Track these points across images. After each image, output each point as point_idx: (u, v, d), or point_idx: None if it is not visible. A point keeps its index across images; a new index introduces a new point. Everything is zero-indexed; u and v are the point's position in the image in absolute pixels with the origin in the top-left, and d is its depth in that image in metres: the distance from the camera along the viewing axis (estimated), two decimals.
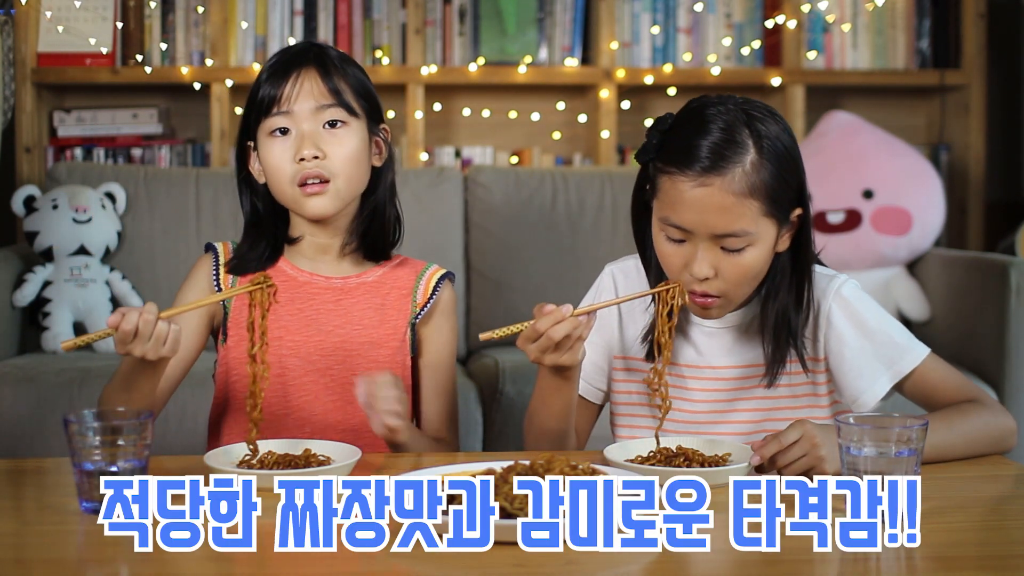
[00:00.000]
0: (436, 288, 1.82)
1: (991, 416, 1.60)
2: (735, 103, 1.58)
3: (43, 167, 3.46)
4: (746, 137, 1.54)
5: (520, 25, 3.65)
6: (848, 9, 3.74)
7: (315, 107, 1.73)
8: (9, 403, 2.59)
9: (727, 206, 1.53)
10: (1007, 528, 1.34)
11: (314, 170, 1.71)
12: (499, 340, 1.58)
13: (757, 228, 1.55)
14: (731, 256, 1.55)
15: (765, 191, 1.54)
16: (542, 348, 1.54)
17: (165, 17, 3.55)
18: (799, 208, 1.59)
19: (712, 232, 1.54)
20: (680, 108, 1.62)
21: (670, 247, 1.58)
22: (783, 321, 1.62)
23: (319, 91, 1.73)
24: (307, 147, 1.71)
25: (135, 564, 1.18)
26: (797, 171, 1.59)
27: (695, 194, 1.53)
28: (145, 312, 1.48)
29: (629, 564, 1.16)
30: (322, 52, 1.77)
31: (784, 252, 1.61)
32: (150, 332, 1.48)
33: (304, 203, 1.73)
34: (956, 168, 3.78)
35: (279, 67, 1.74)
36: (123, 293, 3.04)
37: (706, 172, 1.52)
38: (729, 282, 1.57)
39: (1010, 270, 2.80)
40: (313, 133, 1.72)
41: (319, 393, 1.76)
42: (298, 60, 1.75)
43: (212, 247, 1.83)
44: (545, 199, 3.20)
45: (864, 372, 1.63)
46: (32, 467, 1.62)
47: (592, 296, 1.77)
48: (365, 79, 1.80)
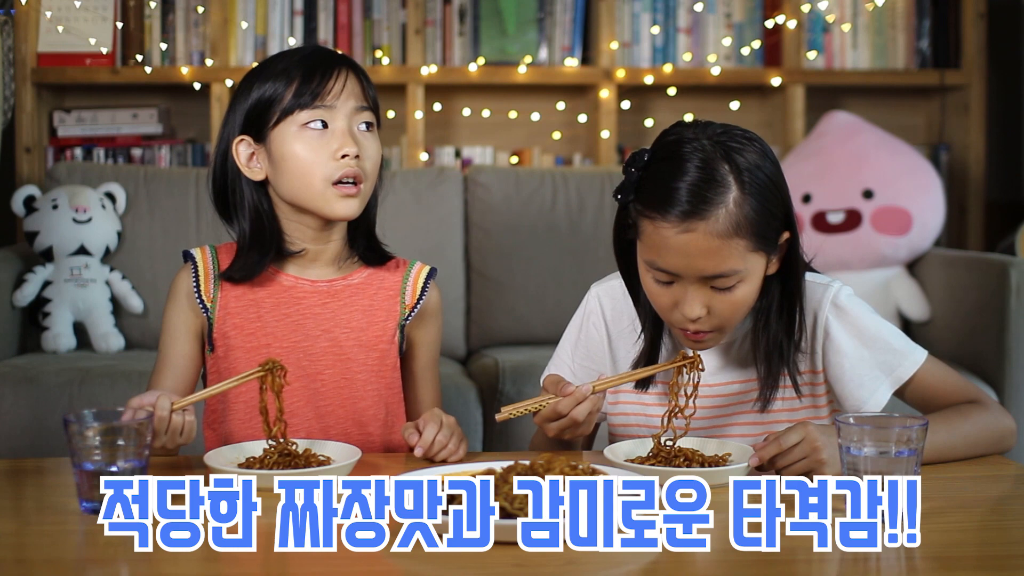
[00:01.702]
0: (424, 288, 1.82)
1: (991, 417, 1.59)
2: (711, 135, 1.51)
3: (43, 167, 3.46)
4: (726, 173, 1.48)
5: (520, 25, 3.65)
6: (848, 9, 3.74)
7: (356, 107, 1.71)
8: (9, 403, 2.59)
9: (713, 249, 1.48)
10: (1007, 528, 1.34)
11: (354, 169, 1.69)
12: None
13: (746, 265, 1.50)
14: (722, 294, 1.52)
15: (750, 227, 1.48)
16: (563, 427, 1.54)
17: (165, 17, 3.55)
18: (786, 232, 1.55)
19: (700, 275, 1.50)
20: (654, 141, 1.57)
21: (658, 288, 1.55)
22: (775, 347, 1.60)
23: (359, 93, 1.72)
24: (350, 144, 1.68)
25: (135, 564, 1.18)
26: (782, 197, 1.53)
27: (679, 240, 1.48)
28: (159, 409, 1.48)
29: (629, 564, 1.16)
30: (351, 60, 1.75)
31: (774, 274, 1.58)
32: (166, 428, 1.50)
33: (335, 203, 1.70)
34: (956, 168, 3.78)
35: (316, 61, 1.71)
36: (123, 293, 3.04)
37: (688, 217, 1.47)
38: (722, 318, 1.54)
39: (1010, 270, 2.80)
40: (354, 131, 1.71)
41: (309, 398, 1.75)
42: (337, 59, 1.72)
43: (190, 255, 1.78)
44: (545, 199, 3.20)
45: (864, 382, 1.62)
46: (32, 467, 1.62)
47: (580, 319, 1.76)
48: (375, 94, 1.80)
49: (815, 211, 3.20)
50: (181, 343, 1.76)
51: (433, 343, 1.86)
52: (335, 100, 1.69)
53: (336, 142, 1.69)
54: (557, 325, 1.89)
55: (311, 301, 1.76)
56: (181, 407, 1.51)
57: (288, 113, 1.69)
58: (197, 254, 1.78)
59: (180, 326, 1.76)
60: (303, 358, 1.75)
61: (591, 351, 1.74)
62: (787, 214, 1.54)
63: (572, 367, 1.74)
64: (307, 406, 1.75)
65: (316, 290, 1.77)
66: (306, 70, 1.70)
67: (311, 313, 1.76)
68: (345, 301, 1.77)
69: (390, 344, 1.79)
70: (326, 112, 1.69)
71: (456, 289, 3.16)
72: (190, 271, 1.77)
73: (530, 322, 3.15)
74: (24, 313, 3.01)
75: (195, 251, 1.79)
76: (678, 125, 1.56)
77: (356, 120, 1.71)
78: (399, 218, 3.13)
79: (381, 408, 1.78)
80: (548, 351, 1.82)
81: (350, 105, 1.70)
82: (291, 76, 1.70)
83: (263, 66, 1.75)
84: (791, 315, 1.59)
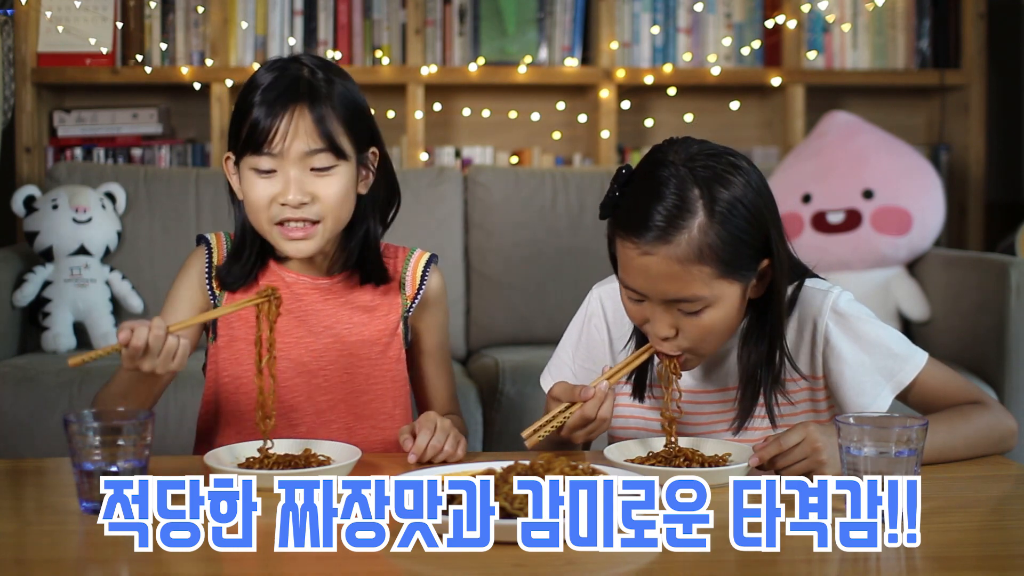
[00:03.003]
0: (424, 276, 1.82)
1: (992, 417, 1.59)
2: (694, 156, 1.50)
3: (43, 167, 3.46)
4: (694, 199, 1.47)
5: (520, 25, 3.65)
6: (848, 9, 3.74)
7: (305, 151, 1.65)
8: (9, 403, 2.59)
9: (674, 273, 1.47)
10: (1007, 528, 1.34)
11: (297, 215, 1.66)
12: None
13: (711, 291, 1.49)
14: (689, 317, 1.51)
15: (716, 255, 1.47)
16: (592, 431, 1.54)
17: (165, 17, 3.55)
18: (766, 260, 1.53)
19: (663, 298, 1.51)
20: (643, 156, 1.57)
21: (631, 304, 1.56)
22: (752, 377, 1.60)
23: (311, 134, 1.65)
24: (293, 192, 1.65)
25: (135, 564, 1.18)
26: (761, 226, 1.50)
27: (641, 262, 1.48)
28: (154, 328, 1.47)
29: (629, 564, 1.16)
30: (313, 84, 1.67)
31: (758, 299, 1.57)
32: (160, 347, 1.48)
33: (283, 244, 1.69)
34: (956, 168, 3.78)
35: (270, 100, 1.65)
36: (123, 293, 3.04)
37: (649, 241, 1.47)
38: (692, 340, 1.53)
39: (1010, 270, 2.80)
40: (300, 179, 1.65)
41: (312, 394, 1.75)
42: (290, 95, 1.65)
43: (204, 239, 1.80)
44: (545, 199, 3.20)
45: (865, 388, 1.61)
46: (32, 467, 1.62)
47: (581, 320, 1.76)
48: (355, 98, 1.72)
49: (815, 211, 3.20)
50: (182, 313, 1.75)
51: (437, 328, 1.85)
52: (281, 144, 1.64)
53: (279, 187, 1.66)
54: (557, 325, 1.89)
55: (312, 297, 1.77)
56: (177, 331, 1.50)
57: (242, 155, 1.68)
58: (212, 239, 1.79)
59: (186, 300, 1.76)
60: (304, 353, 1.75)
61: (592, 352, 1.74)
62: (767, 242, 1.52)
63: (573, 368, 1.74)
64: (308, 401, 1.75)
65: (317, 287, 1.77)
66: (259, 111, 1.65)
67: (312, 309, 1.76)
68: (347, 297, 1.78)
69: (392, 337, 1.79)
70: (272, 160, 1.65)
71: (456, 289, 3.16)
72: (204, 254, 1.78)
73: (530, 322, 3.15)
74: (24, 313, 3.01)
75: (210, 236, 1.80)
76: (669, 142, 1.55)
77: (307, 164, 1.66)
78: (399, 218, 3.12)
79: (386, 401, 1.78)
80: (548, 351, 1.82)
81: (299, 150, 1.65)
82: (248, 113, 1.66)
83: (248, 86, 1.70)
84: (772, 343, 1.58)
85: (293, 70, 1.69)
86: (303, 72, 1.69)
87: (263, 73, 1.70)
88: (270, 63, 1.72)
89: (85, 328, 3.01)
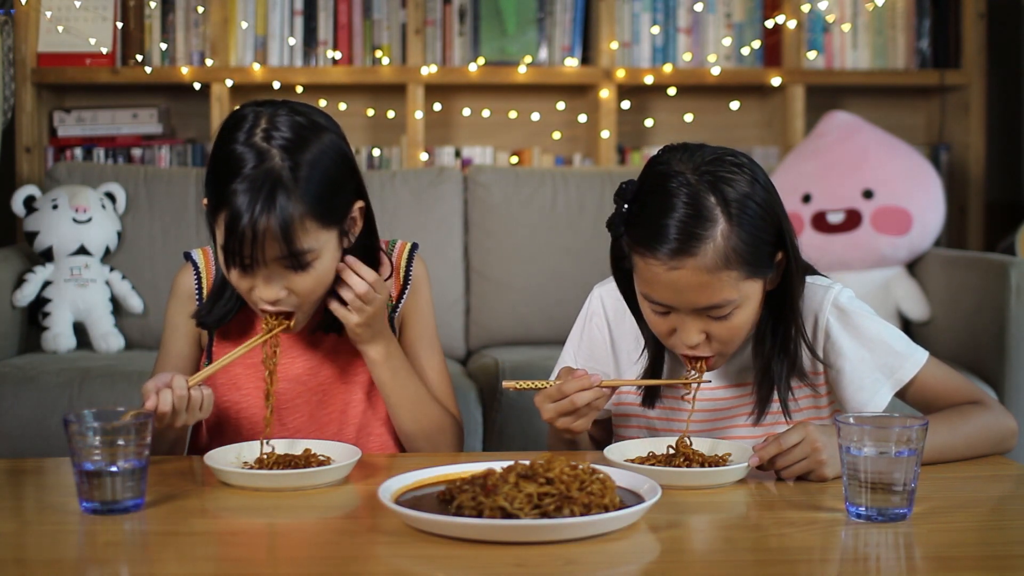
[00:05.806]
0: (409, 267, 1.81)
1: (992, 417, 1.59)
2: (699, 163, 1.50)
3: (43, 167, 3.47)
4: (713, 207, 1.48)
5: (520, 25, 3.65)
6: (848, 9, 3.74)
7: (277, 264, 1.57)
8: (9, 403, 2.59)
9: (704, 283, 1.48)
10: (1007, 528, 1.34)
11: (273, 308, 1.61)
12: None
13: (739, 293, 1.51)
14: (719, 321, 1.53)
15: (741, 258, 1.48)
16: (560, 410, 1.54)
17: (165, 17, 3.55)
18: (780, 252, 1.55)
19: (693, 307, 1.52)
20: (644, 168, 1.56)
21: (656, 317, 1.56)
22: (766, 371, 1.60)
23: (281, 249, 1.55)
24: (265, 293, 1.59)
25: (135, 564, 1.18)
26: (774, 221, 1.52)
27: (669, 277, 1.49)
28: (176, 389, 1.51)
29: (629, 564, 1.16)
30: (275, 207, 1.52)
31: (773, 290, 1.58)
32: (186, 406, 1.53)
33: (264, 320, 1.64)
34: (956, 168, 3.78)
35: (236, 220, 1.52)
36: (123, 293, 3.04)
37: (676, 255, 1.47)
38: (722, 342, 1.55)
39: (1010, 270, 2.80)
40: (272, 278, 1.58)
41: (312, 411, 1.75)
42: (256, 219, 1.52)
43: (190, 256, 1.78)
44: (545, 199, 3.20)
45: (865, 384, 1.61)
46: (32, 467, 1.62)
47: (582, 320, 1.76)
48: (333, 170, 1.58)
49: (815, 211, 3.20)
50: (181, 343, 1.77)
51: (421, 312, 1.82)
52: (251, 258, 1.54)
53: (254, 282, 1.59)
54: (557, 325, 1.89)
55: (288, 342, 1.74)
56: (196, 383, 1.55)
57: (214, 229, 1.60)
58: (198, 256, 1.78)
59: (180, 326, 1.77)
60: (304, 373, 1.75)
61: (594, 351, 1.74)
62: (779, 235, 1.54)
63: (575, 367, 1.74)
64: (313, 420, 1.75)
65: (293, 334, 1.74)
66: (227, 228, 1.54)
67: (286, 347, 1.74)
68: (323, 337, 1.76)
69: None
70: (243, 273, 1.58)
71: (456, 289, 3.16)
72: (191, 272, 1.77)
73: (530, 322, 3.15)
74: (24, 313, 3.01)
75: (196, 252, 1.78)
76: (667, 151, 1.55)
77: (281, 264, 1.57)
78: (399, 218, 3.13)
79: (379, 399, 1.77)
80: (548, 351, 1.82)
81: (271, 255, 1.55)
82: (219, 218, 1.56)
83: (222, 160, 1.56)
84: (786, 333, 1.59)
85: (265, 166, 1.54)
86: (275, 163, 1.54)
87: (239, 149, 1.55)
88: (244, 136, 1.56)
89: (85, 328, 3.01)
